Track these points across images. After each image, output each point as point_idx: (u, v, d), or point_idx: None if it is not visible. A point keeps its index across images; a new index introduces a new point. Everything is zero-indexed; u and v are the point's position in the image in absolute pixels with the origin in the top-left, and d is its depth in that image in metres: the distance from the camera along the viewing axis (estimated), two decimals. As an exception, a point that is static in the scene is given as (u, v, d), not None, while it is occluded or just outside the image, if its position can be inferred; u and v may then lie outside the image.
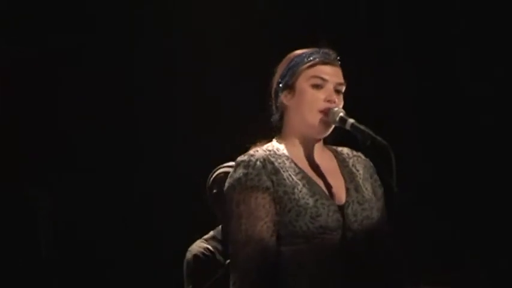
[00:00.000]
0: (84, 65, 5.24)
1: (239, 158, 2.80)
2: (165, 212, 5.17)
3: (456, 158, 5.13)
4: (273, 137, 2.91)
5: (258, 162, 2.76)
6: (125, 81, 5.26)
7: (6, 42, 5.11)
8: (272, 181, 2.74)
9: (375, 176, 2.95)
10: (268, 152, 2.80)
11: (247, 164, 2.76)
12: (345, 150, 2.98)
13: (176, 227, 4.93)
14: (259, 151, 2.80)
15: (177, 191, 5.10)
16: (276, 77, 2.91)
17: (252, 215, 2.69)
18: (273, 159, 2.78)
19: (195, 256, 3.66)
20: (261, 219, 2.69)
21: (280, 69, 2.91)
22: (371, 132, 2.75)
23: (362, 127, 2.78)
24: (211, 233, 3.75)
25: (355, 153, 2.97)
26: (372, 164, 2.97)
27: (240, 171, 2.76)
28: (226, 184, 2.79)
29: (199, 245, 3.71)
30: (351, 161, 2.94)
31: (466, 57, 5.22)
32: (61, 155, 5.16)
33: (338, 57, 2.90)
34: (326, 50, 2.89)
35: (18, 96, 5.12)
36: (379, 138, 2.74)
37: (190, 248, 3.72)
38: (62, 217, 5.08)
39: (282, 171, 2.77)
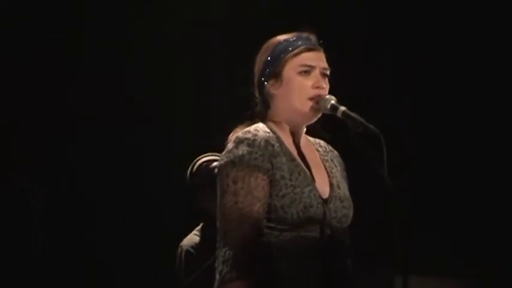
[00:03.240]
0: (84, 65, 5.25)
1: (241, 135, 2.70)
2: (163, 209, 5.17)
3: (456, 157, 5.13)
4: (254, 122, 2.81)
5: (263, 143, 2.69)
6: (125, 82, 5.27)
7: (5, 41, 5.12)
8: (272, 164, 2.69)
9: (345, 174, 2.91)
10: (268, 135, 2.74)
11: (251, 143, 2.68)
12: (322, 143, 2.93)
13: (175, 225, 4.92)
14: (260, 132, 2.72)
15: (177, 190, 5.08)
16: (259, 66, 2.84)
17: (251, 194, 2.64)
18: (272, 142, 2.73)
19: (187, 252, 3.65)
20: (258, 200, 2.64)
21: (263, 57, 2.84)
22: (363, 120, 2.72)
23: (353, 115, 2.74)
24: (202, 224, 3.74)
25: (330, 147, 2.93)
26: (342, 160, 2.93)
27: (244, 149, 2.67)
28: (224, 159, 2.69)
29: (190, 239, 3.70)
30: (329, 155, 2.90)
31: (468, 58, 5.22)
32: (59, 151, 5.18)
33: (320, 41, 2.84)
34: (307, 35, 2.83)
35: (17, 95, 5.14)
36: (370, 126, 2.71)
37: (181, 244, 3.70)
38: (55, 212, 5.08)
39: (280, 155, 2.72)
